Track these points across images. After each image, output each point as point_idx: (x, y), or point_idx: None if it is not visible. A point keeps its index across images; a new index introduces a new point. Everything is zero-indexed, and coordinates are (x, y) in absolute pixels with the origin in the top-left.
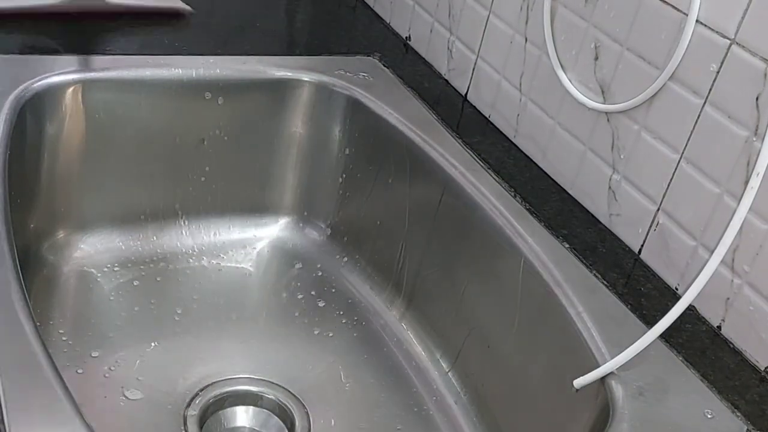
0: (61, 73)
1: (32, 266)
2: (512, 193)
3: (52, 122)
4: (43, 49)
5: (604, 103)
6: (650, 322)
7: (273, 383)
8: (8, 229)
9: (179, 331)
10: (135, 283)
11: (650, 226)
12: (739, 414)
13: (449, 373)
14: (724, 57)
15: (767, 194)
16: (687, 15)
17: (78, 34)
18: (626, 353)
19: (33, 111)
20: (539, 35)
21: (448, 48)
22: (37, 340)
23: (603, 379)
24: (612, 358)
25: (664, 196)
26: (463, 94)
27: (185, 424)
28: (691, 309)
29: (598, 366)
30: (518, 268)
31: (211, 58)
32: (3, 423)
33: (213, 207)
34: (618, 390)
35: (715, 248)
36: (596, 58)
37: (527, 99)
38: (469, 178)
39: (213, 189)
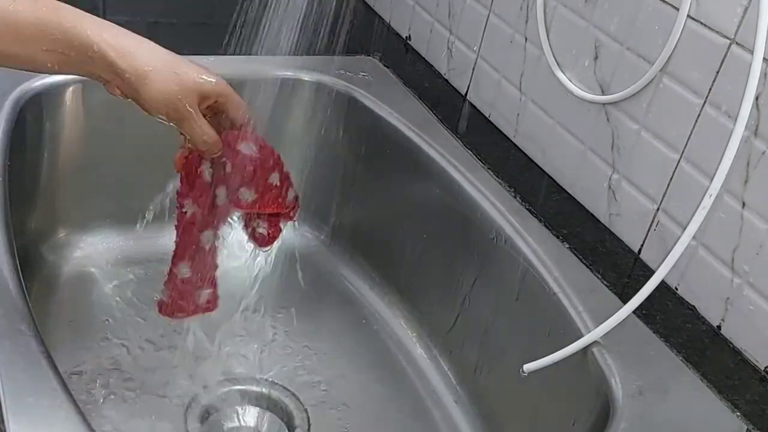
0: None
1: (32, 266)
2: (512, 193)
3: (52, 122)
4: None
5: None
6: (650, 322)
7: (273, 383)
8: (8, 229)
9: (179, 331)
10: (135, 283)
11: (650, 226)
12: (738, 414)
13: (449, 373)
14: (724, 56)
15: (766, 194)
16: (678, 9)
17: None
18: (579, 342)
19: (33, 111)
20: (539, 35)
21: (448, 48)
22: (37, 340)
23: (603, 377)
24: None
25: (663, 196)
26: (463, 93)
27: (186, 423)
28: (690, 309)
29: (597, 364)
30: (518, 268)
31: (211, 58)
32: (3, 423)
33: None
34: (618, 390)
35: (687, 225)
36: (596, 58)
37: (527, 98)
38: (469, 178)
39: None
